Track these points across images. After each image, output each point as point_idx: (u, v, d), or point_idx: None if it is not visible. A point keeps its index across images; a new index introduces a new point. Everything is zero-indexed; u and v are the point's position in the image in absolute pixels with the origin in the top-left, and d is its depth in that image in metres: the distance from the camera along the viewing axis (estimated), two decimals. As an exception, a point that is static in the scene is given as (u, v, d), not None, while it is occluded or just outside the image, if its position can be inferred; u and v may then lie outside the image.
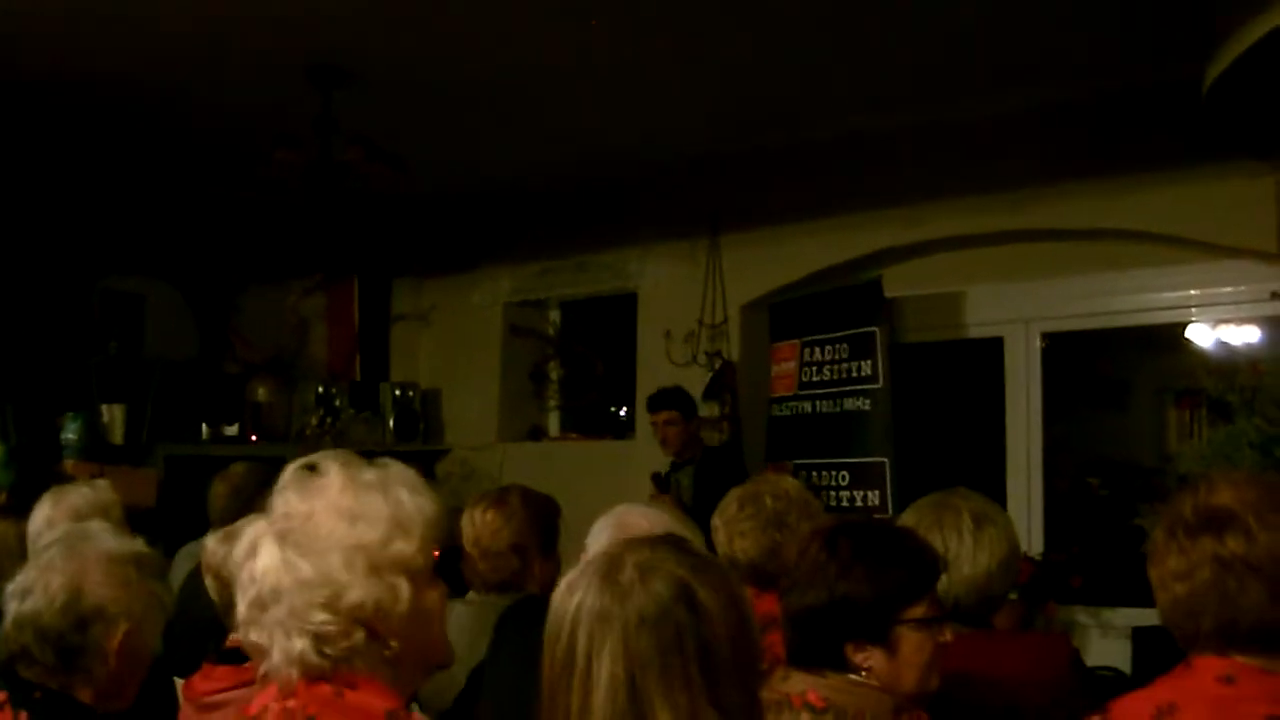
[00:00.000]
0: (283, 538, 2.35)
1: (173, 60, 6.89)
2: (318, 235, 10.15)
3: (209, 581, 4.27)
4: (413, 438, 10.79)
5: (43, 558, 3.26)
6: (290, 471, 2.45)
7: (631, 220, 9.66)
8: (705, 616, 2.18)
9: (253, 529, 2.42)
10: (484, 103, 7.61)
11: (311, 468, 2.45)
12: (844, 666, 3.06)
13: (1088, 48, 6.66)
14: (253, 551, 2.38)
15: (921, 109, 7.78)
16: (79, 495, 5.38)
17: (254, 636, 2.38)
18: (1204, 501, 2.77)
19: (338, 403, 10.64)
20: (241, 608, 2.38)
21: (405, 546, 2.38)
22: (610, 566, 2.23)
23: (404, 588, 2.38)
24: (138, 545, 3.38)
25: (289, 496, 2.40)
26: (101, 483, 5.64)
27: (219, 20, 6.31)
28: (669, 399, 8.43)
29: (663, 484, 8.10)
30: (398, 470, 2.49)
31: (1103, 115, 7.32)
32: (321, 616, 2.32)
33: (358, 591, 2.34)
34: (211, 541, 4.31)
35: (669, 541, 2.32)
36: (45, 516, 5.23)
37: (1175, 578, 2.73)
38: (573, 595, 2.24)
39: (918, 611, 3.09)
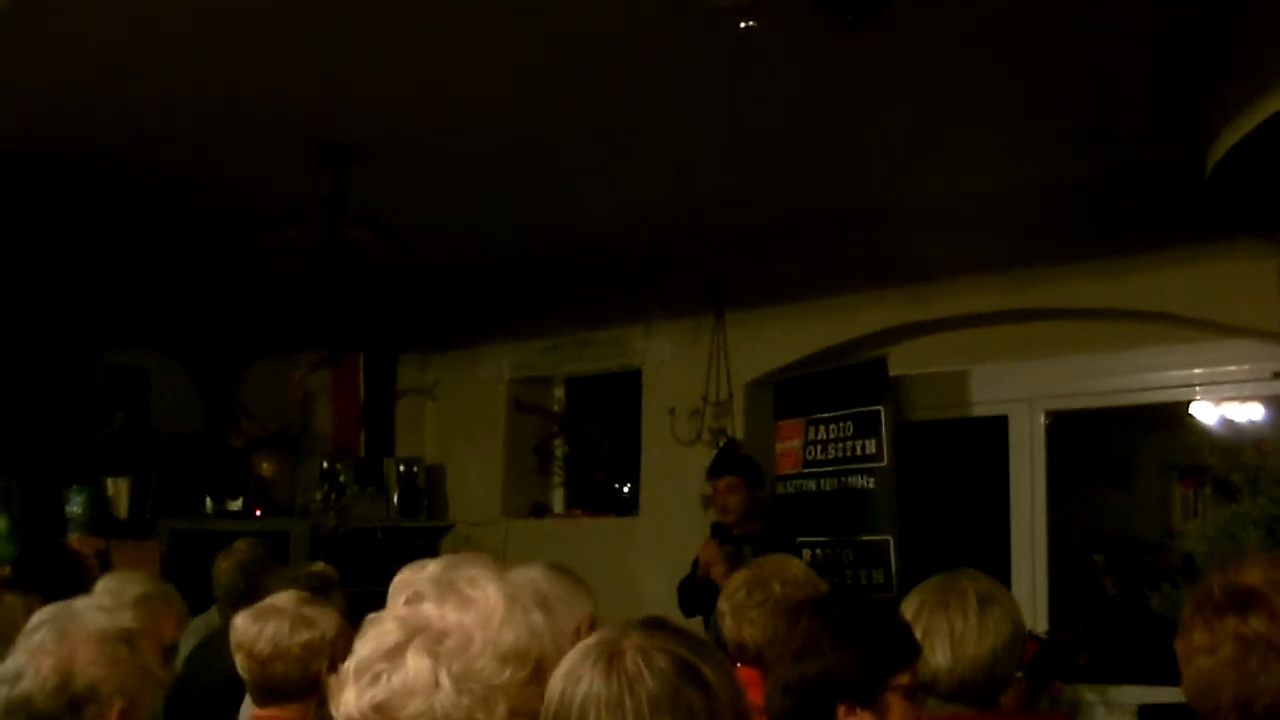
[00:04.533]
0: (435, 655, 2.26)
1: (181, 135, 6.90)
2: (323, 310, 10.15)
3: (240, 659, 4.25)
4: (417, 513, 10.74)
5: (32, 639, 3.21)
6: (431, 575, 2.37)
7: (636, 297, 9.63)
8: (713, 693, 2.17)
9: (390, 625, 2.32)
10: (489, 177, 7.61)
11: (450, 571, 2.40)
12: (836, 729, 3.10)
13: (1091, 126, 6.66)
14: (394, 654, 2.31)
15: (918, 186, 7.77)
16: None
17: None
18: (1232, 580, 2.79)
19: (342, 478, 10.58)
20: (363, 702, 2.27)
21: (538, 690, 2.29)
22: (609, 652, 2.20)
23: None
24: (127, 620, 3.34)
25: (444, 608, 2.31)
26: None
27: (229, 98, 6.33)
28: (732, 464, 8.29)
29: (724, 534, 7.73)
30: (531, 587, 2.45)
31: (1106, 194, 7.30)
32: None
33: None
34: (242, 620, 4.30)
35: (655, 623, 2.29)
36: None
37: (1199, 653, 2.74)
38: (576, 685, 2.20)
39: (905, 679, 3.17)
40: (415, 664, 2.25)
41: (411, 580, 2.37)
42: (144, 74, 6.01)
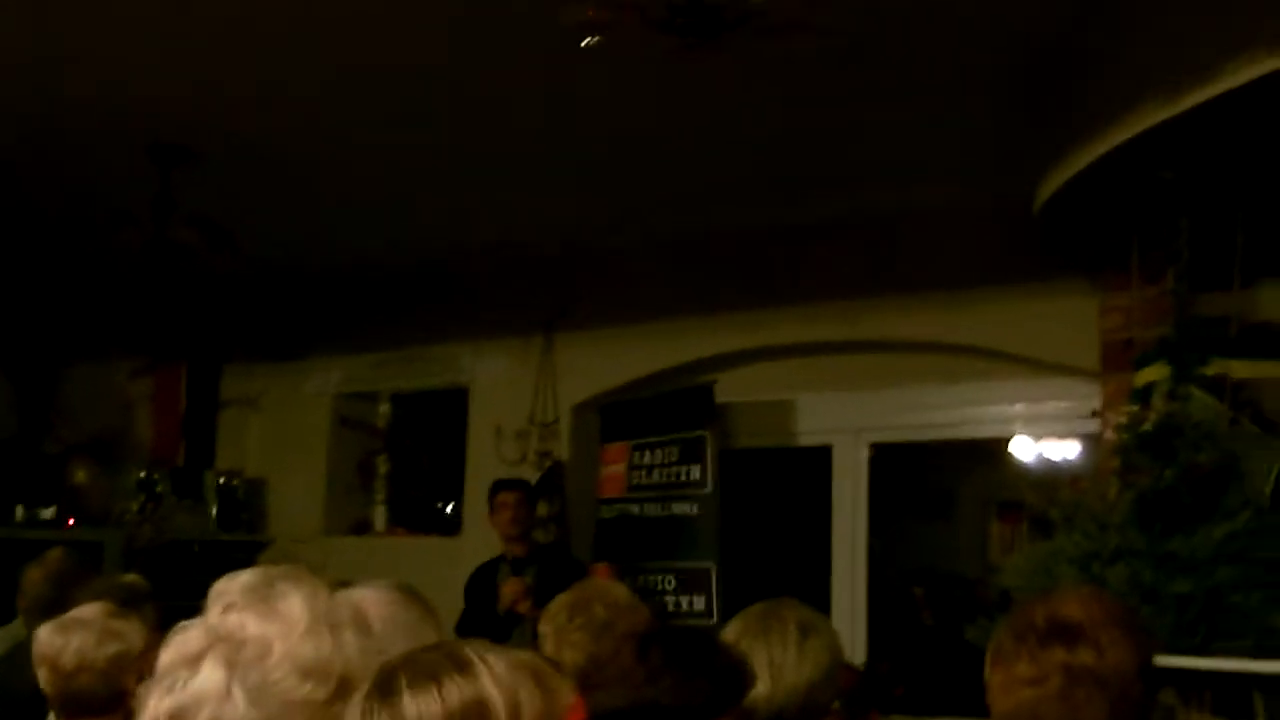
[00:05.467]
0: (230, 665, 2.18)
1: (7, 132, 6.74)
2: (147, 315, 9.95)
3: (43, 673, 4.11)
4: (235, 527, 10.57)
5: None
6: (243, 584, 2.28)
7: (466, 314, 9.57)
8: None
9: (194, 633, 2.26)
10: (322, 186, 7.54)
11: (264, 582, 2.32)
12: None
13: (925, 161, 6.75)
14: (193, 662, 2.23)
15: (753, 215, 7.82)
16: None
17: None
18: (1054, 611, 2.82)
19: (160, 489, 10.37)
20: (159, 708, 2.21)
21: (343, 708, 2.25)
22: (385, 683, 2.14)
23: None
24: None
25: (245, 616, 2.23)
26: None
27: (56, 95, 6.19)
28: (520, 482, 8.29)
29: (519, 566, 7.84)
30: (351, 607, 2.38)
31: (936, 229, 7.40)
32: None
33: None
34: (45, 632, 4.16)
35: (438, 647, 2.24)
36: None
37: (1023, 683, 2.76)
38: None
39: None
40: (209, 672, 2.19)
41: (226, 589, 2.30)
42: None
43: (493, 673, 2.12)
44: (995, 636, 2.90)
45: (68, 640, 4.11)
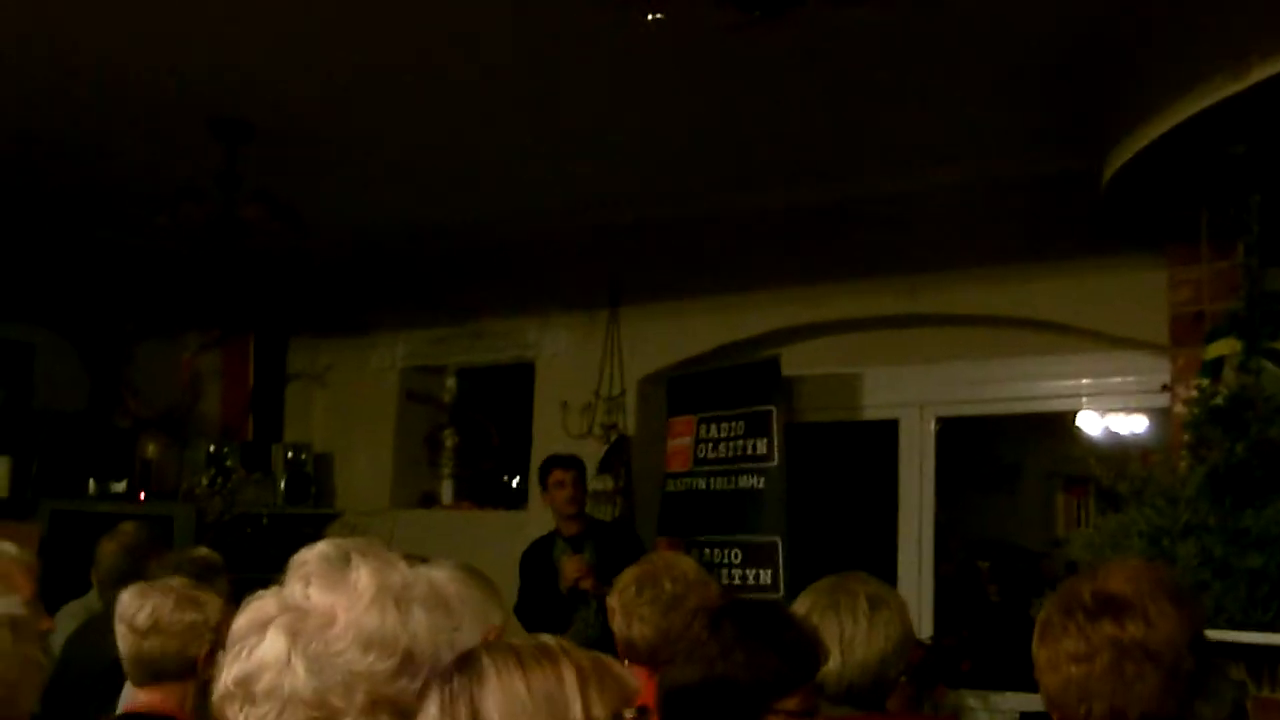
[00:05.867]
0: (294, 634, 2.22)
1: (72, 108, 6.79)
2: (215, 290, 10.01)
3: (121, 631, 4.18)
4: (304, 500, 10.63)
5: (-90, 623, 3.13)
6: (316, 556, 2.32)
7: (531, 289, 9.58)
8: None
9: (266, 602, 2.27)
10: (389, 161, 7.56)
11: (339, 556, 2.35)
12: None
13: (990, 134, 6.70)
14: (259, 631, 2.26)
15: (815, 190, 7.80)
16: None
17: (229, 714, 2.27)
18: (1101, 586, 2.79)
19: (229, 462, 10.45)
20: (229, 677, 2.24)
21: (408, 684, 2.26)
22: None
23: None
24: (12, 606, 3.26)
25: (313, 588, 2.27)
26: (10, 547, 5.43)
27: (122, 71, 6.23)
28: (573, 459, 8.31)
29: (577, 544, 7.99)
30: (426, 583, 2.40)
31: (1002, 202, 7.35)
32: None
33: None
34: (128, 594, 4.23)
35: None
36: None
37: (1072, 659, 2.74)
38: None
39: (791, 704, 3.09)
40: (272, 641, 2.22)
41: (303, 560, 2.33)
42: (36, 46, 5.91)
43: (575, 663, 2.15)
44: (1043, 612, 2.87)
45: (145, 601, 4.19)
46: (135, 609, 4.14)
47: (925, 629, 7.60)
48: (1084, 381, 7.76)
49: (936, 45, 5.60)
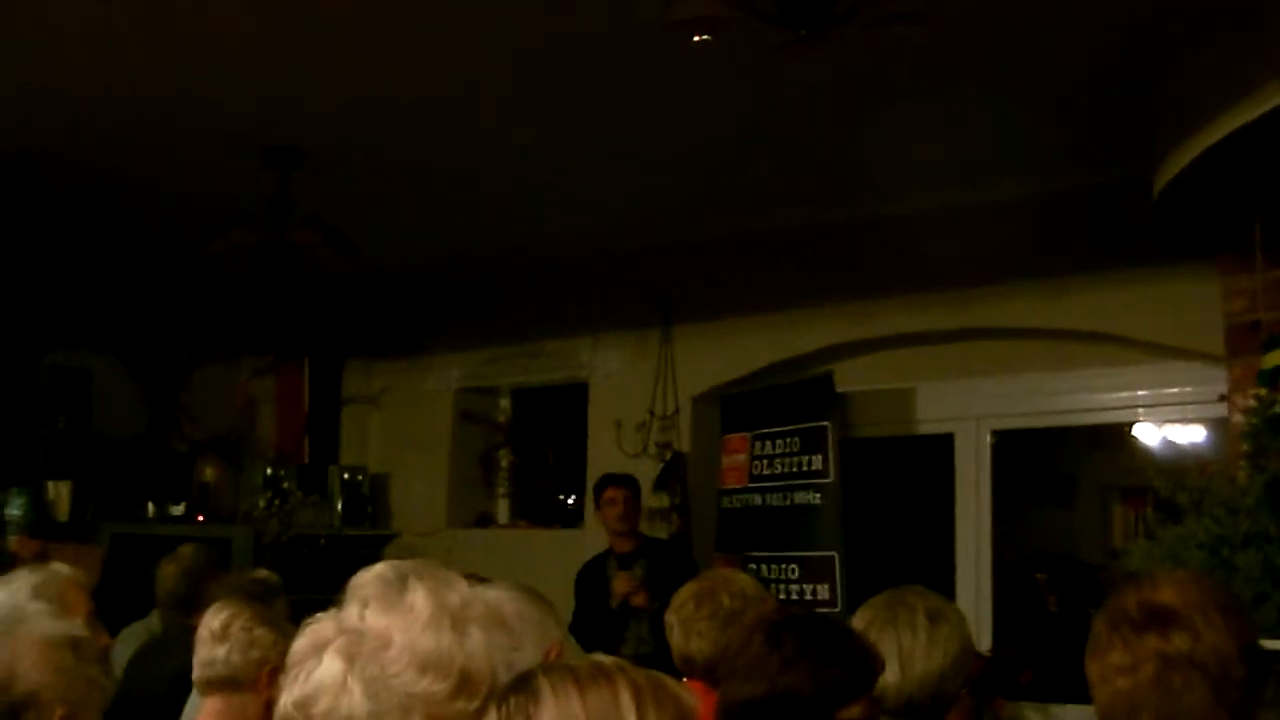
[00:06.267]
0: (350, 657, 2.23)
1: (124, 136, 6.87)
2: (269, 315, 10.09)
3: (202, 634, 4.32)
4: (360, 522, 10.68)
5: (-25, 642, 3.16)
6: (374, 578, 2.33)
7: (584, 308, 9.63)
8: None
9: (325, 625, 2.28)
10: (438, 185, 7.61)
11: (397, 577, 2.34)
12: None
13: (1040, 146, 6.71)
14: (317, 653, 2.27)
15: (871, 204, 7.82)
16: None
17: None
18: (1147, 598, 2.78)
19: (285, 485, 10.51)
20: (288, 699, 2.24)
21: (466, 705, 2.26)
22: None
23: None
24: (75, 628, 3.29)
25: (370, 610, 2.28)
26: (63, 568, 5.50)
27: (173, 100, 6.30)
28: (626, 477, 8.41)
29: (627, 562, 8.09)
30: (484, 603, 2.41)
31: (1053, 213, 7.34)
32: None
33: None
34: (213, 608, 4.42)
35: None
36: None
37: (1118, 672, 2.74)
38: None
39: (854, 711, 3.14)
40: (330, 664, 2.23)
41: (361, 582, 2.34)
42: (87, 75, 6.00)
43: (631, 682, 2.16)
44: (1093, 626, 2.87)
45: (221, 612, 4.33)
46: (213, 616, 4.29)
47: (984, 641, 7.57)
48: (1140, 393, 7.70)
49: (984, 60, 5.62)
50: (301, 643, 2.30)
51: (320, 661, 2.24)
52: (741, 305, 8.87)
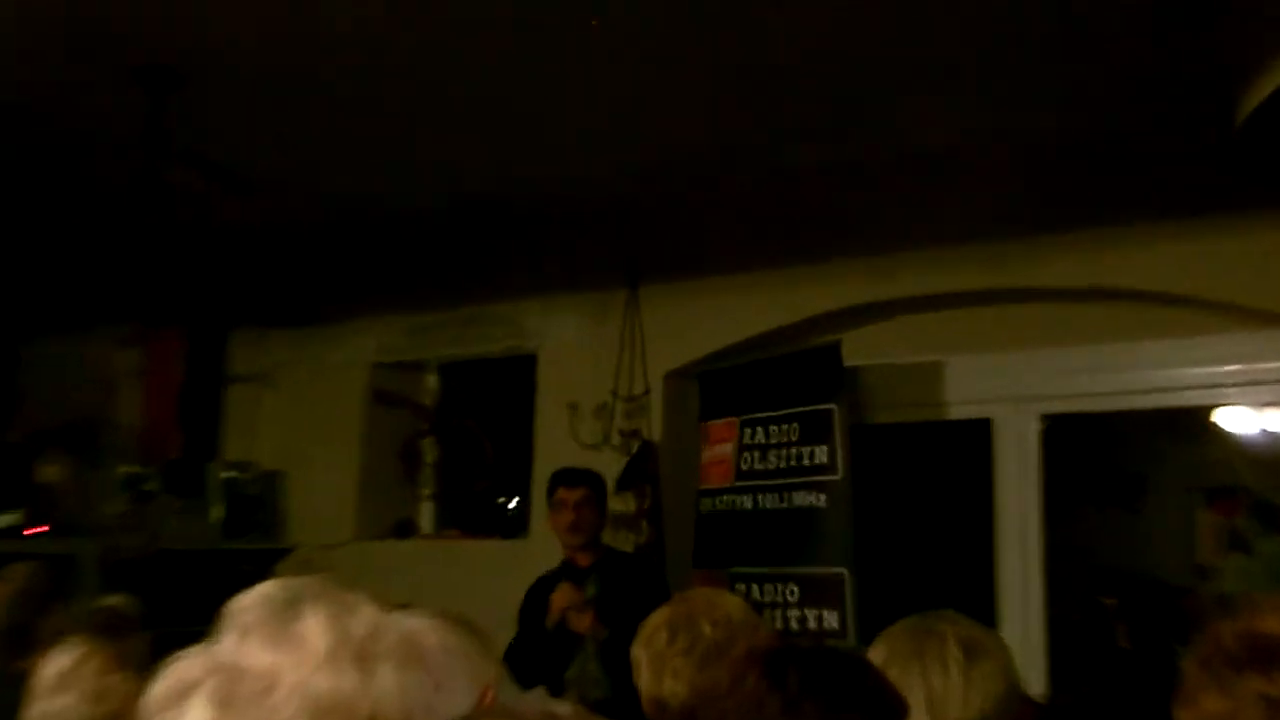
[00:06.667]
0: (224, 703, 2.16)
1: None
2: (133, 273, 10.01)
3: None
4: (246, 533, 10.68)
5: None
6: (257, 601, 2.26)
7: (532, 265, 9.55)
8: None
9: (191, 662, 2.25)
10: (349, 115, 7.53)
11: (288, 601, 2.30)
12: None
13: (1088, 71, 6.67)
14: (178, 699, 2.22)
15: (888, 138, 7.77)
16: None
17: None
18: (1246, 628, 2.73)
19: (150, 486, 10.48)
20: None
21: None
22: None
23: None
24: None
25: (251, 642, 2.25)
26: None
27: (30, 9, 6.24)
28: (585, 475, 8.21)
29: (576, 575, 7.86)
30: (398, 634, 2.36)
31: (1109, 151, 7.28)
32: None
33: None
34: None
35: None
36: None
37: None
38: None
39: None
40: (196, 713, 2.12)
41: (239, 608, 2.28)
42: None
43: None
44: (1181, 666, 2.81)
45: (63, 654, 4.32)
46: (53, 659, 4.25)
47: (1036, 683, 7.57)
48: (1225, 369, 7.70)
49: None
50: (161, 687, 2.19)
51: (183, 711, 2.18)
52: (725, 262, 8.84)
